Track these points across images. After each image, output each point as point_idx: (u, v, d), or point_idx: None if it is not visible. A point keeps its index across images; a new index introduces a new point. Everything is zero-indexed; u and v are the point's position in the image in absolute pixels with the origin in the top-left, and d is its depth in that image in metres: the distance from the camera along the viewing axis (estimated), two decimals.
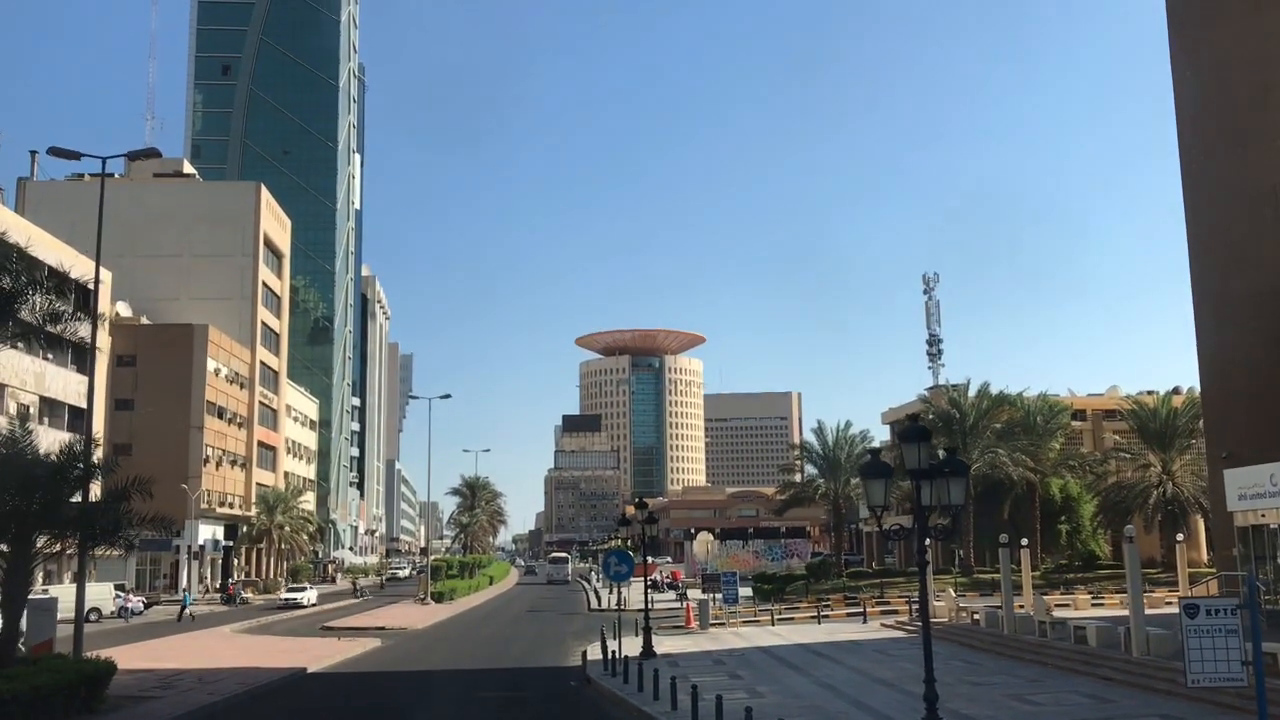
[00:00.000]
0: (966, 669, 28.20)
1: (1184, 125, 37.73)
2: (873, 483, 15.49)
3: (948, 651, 32.27)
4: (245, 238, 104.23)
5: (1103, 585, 64.35)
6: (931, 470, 15.16)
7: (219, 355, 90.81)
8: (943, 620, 40.05)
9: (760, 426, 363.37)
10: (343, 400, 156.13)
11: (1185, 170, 37.57)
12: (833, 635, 40.42)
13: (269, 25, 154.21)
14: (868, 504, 15.92)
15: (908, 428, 15.11)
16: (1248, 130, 34.47)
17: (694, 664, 31.90)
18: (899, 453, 51.34)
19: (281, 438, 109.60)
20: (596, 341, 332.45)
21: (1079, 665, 26.40)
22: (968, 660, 30.20)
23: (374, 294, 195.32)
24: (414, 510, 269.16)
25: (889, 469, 15.73)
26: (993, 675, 26.87)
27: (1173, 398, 73.09)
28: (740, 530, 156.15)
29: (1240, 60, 34.87)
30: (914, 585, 67.63)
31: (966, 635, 35.35)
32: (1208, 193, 36.84)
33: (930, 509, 15.35)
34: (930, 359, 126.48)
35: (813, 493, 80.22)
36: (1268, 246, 33.24)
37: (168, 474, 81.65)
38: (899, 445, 55.47)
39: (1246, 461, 33.02)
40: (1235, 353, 35.03)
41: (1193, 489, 67.45)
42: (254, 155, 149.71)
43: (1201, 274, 36.83)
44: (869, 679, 27.27)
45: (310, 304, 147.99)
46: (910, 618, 44.81)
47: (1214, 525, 39.55)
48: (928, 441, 15.16)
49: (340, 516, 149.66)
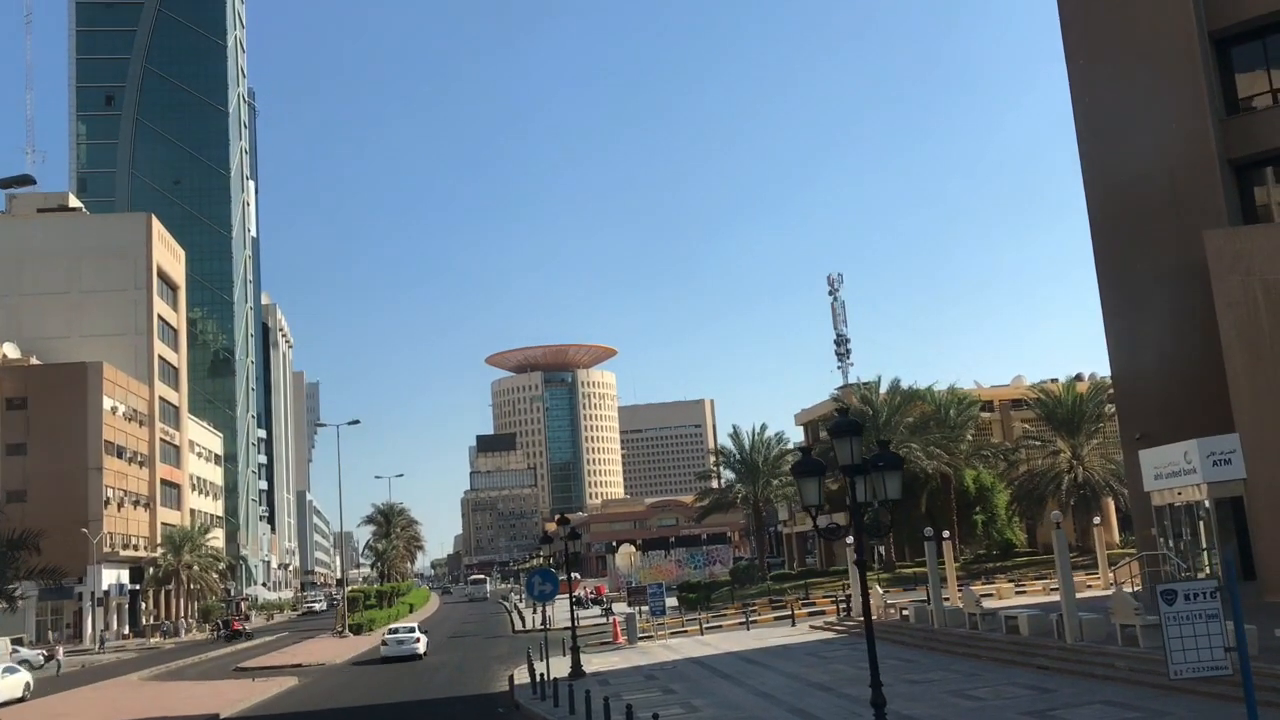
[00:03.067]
0: (902, 667, 27.84)
1: (1080, 111, 38.21)
2: (806, 481, 14.86)
3: (881, 650, 31.89)
4: (137, 270, 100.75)
5: (1022, 573, 65.18)
6: (865, 465, 14.61)
7: (115, 393, 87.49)
8: (872, 618, 39.83)
9: (675, 435, 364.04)
10: (248, 433, 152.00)
11: (1084, 156, 38.05)
12: (763, 641, 39.91)
13: (152, 53, 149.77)
14: (802, 503, 15.30)
15: (838, 422, 14.52)
16: (1142, 113, 34.98)
17: (625, 681, 31.09)
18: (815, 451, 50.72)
19: (185, 474, 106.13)
20: (507, 359, 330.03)
21: (1014, 656, 26.19)
22: (901, 658, 29.86)
23: (275, 322, 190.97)
24: (328, 541, 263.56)
25: (822, 466, 15.12)
26: (929, 672, 26.53)
27: (1077, 384, 74.55)
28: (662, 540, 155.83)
29: (1132, 43, 35.39)
30: (837, 585, 67.70)
31: (896, 632, 35.11)
32: (1106, 177, 37.34)
33: (865, 505, 14.78)
34: (839, 359, 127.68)
35: (733, 498, 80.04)
36: (1166, 227, 33.72)
37: (67, 518, 78.55)
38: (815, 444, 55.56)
39: (1160, 441, 33.41)
40: (1142, 333, 35.49)
41: (1102, 472, 68.77)
42: (143, 186, 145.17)
43: (1105, 257, 37.29)
44: (805, 684, 26.74)
45: (209, 335, 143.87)
46: (838, 618, 44.56)
47: (1131, 506, 40.02)
48: (859, 436, 14.59)
49: (251, 552, 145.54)
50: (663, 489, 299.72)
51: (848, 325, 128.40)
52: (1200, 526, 32.64)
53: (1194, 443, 30.88)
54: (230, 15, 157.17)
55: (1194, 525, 32.77)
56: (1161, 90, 34.11)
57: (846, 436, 14.50)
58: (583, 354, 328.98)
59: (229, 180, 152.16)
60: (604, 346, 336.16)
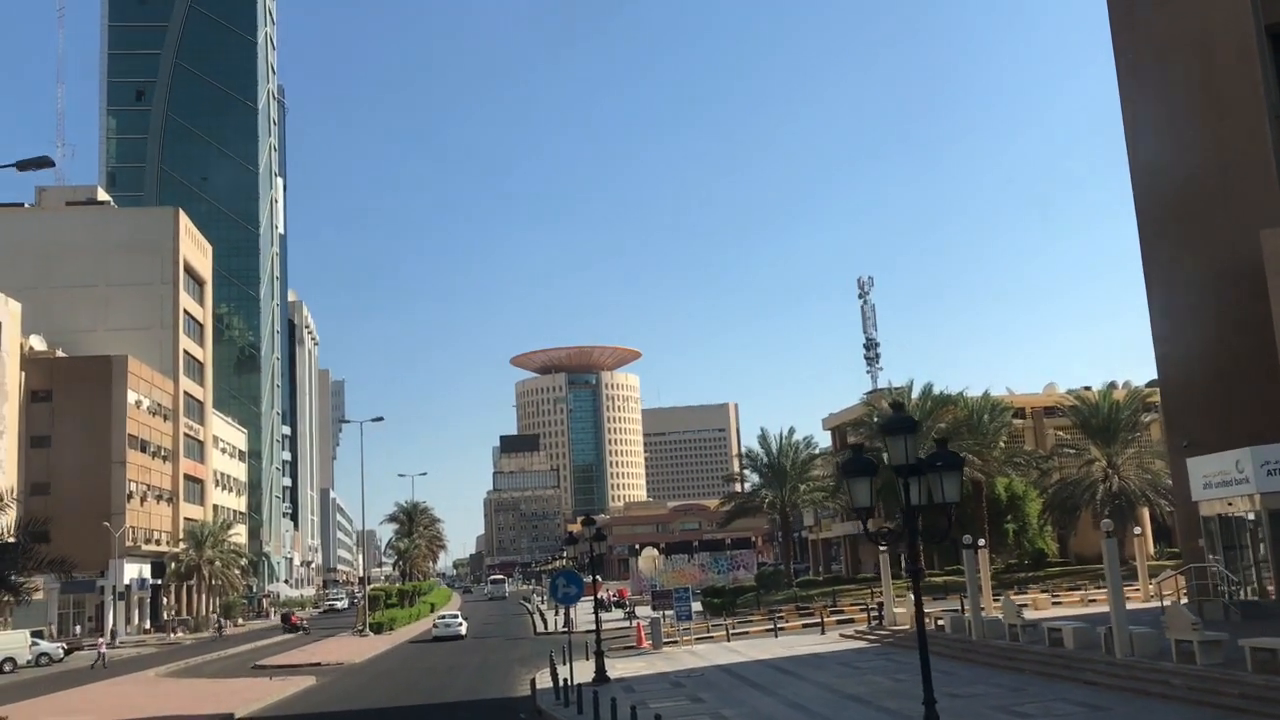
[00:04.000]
0: (942, 679, 26.62)
1: (1129, 111, 36.96)
2: (857, 481, 13.87)
3: (916, 661, 30.86)
4: (164, 265, 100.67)
5: (1056, 583, 63.78)
6: (920, 465, 13.62)
7: (140, 387, 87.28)
8: (904, 627, 38.72)
9: (698, 439, 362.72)
10: (272, 429, 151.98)
11: (1132, 155, 36.79)
12: (792, 649, 38.81)
13: (183, 48, 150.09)
14: (852, 505, 14.30)
15: (892, 418, 13.54)
16: (1194, 111, 33.74)
17: (651, 688, 30.11)
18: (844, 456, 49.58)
19: (209, 470, 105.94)
20: (532, 360, 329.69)
21: (1059, 670, 25.04)
22: (940, 670, 28.55)
23: (301, 319, 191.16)
24: (351, 539, 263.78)
25: (874, 465, 14.11)
26: (970, 685, 25.44)
27: (1113, 392, 73.00)
28: (684, 544, 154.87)
29: (1184, 40, 34.16)
30: (864, 592, 66.42)
31: (932, 642, 33.84)
32: (1155, 177, 36.09)
33: (919, 509, 13.79)
34: (869, 363, 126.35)
35: (759, 502, 78.75)
36: (1219, 227, 32.47)
37: (90, 512, 78.42)
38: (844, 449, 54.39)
39: (1209, 449, 32.12)
40: (1192, 337, 34.21)
41: (1139, 482, 67.28)
42: (172, 181, 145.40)
43: (1153, 258, 36.03)
44: (840, 696, 25.69)
45: (235, 332, 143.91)
46: (869, 626, 43.40)
47: (1177, 516, 38.68)
48: (914, 433, 13.60)
49: (274, 549, 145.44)
50: (685, 493, 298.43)
51: (877, 329, 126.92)
52: (1250, 539, 31.38)
53: (1246, 451, 29.60)
54: (261, 12, 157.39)
55: (1245, 537, 31.48)
56: (1214, 87, 32.87)
57: (900, 434, 13.51)
58: (607, 356, 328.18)
59: (257, 177, 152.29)
60: (628, 349, 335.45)
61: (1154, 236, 35.94)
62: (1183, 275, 34.37)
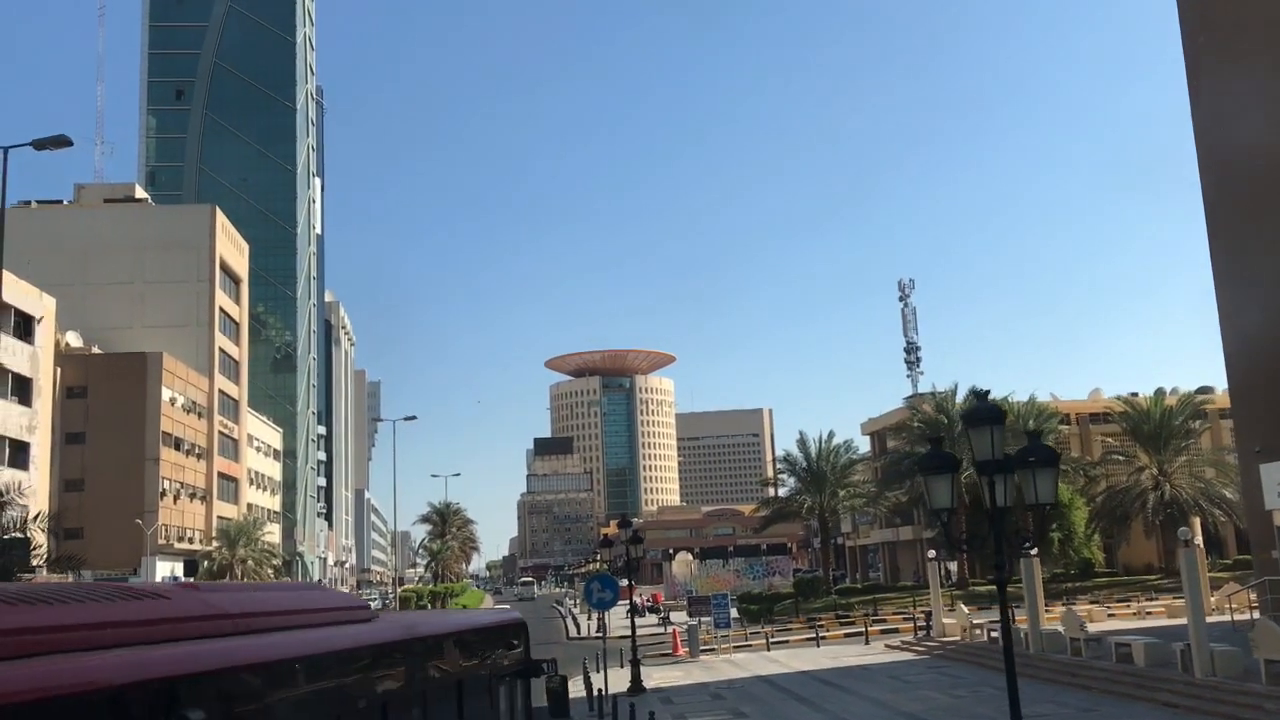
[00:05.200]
0: (1001, 696, 25.08)
1: (1198, 100, 35.18)
2: (936, 479, 12.43)
3: (972, 676, 29.31)
4: (200, 262, 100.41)
5: (1105, 594, 61.80)
6: (1008, 461, 12.18)
7: (175, 384, 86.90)
8: (955, 639, 37.07)
9: (732, 444, 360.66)
10: (308, 429, 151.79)
11: (1201, 147, 35.01)
12: (837, 660, 37.26)
13: (222, 48, 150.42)
14: (930, 506, 12.89)
15: (976, 406, 12.10)
16: (1269, 96, 31.97)
17: (689, 700, 28.73)
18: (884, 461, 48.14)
19: (243, 468, 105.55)
20: (566, 363, 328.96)
21: (1131, 690, 23.41)
22: (998, 685, 26.92)
23: (338, 320, 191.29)
24: (385, 540, 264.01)
25: (954, 461, 12.67)
26: (1036, 704, 23.80)
27: (1164, 398, 70.91)
28: (719, 549, 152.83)
29: (1256, 23, 32.41)
30: (906, 601, 64.73)
31: (986, 655, 32.34)
32: (1226, 168, 34.31)
33: (1003, 511, 12.35)
34: (909, 367, 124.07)
35: (798, 507, 77.11)
36: None
37: (123, 509, 78.09)
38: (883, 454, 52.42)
39: None
40: (1265, 337, 32.41)
41: (1191, 490, 65.22)
42: (210, 180, 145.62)
43: (1223, 254, 34.24)
44: (894, 713, 24.19)
45: (272, 331, 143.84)
46: (916, 637, 41.75)
47: (1248, 526, 36.81)
48: (1001, 424, 12.14)
49: (308, 548, 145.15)
50: (719, 498, 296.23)
51: (918, 332, 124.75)
52: None
53: None
54: (300, 12, 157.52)
55: None
56: None
57: (986, 425, 12.05)
58: (641, 360, 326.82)
59: (295, 177, 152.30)
60: (663, 353, 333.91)
61: (1225, 234, 34.18)
62: (1256, 273, 32.59)
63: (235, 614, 6.01)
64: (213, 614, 5.86)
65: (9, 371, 61.81)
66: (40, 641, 4.44)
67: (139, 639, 4.98)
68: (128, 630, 5.00)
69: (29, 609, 4.74)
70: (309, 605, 7.17)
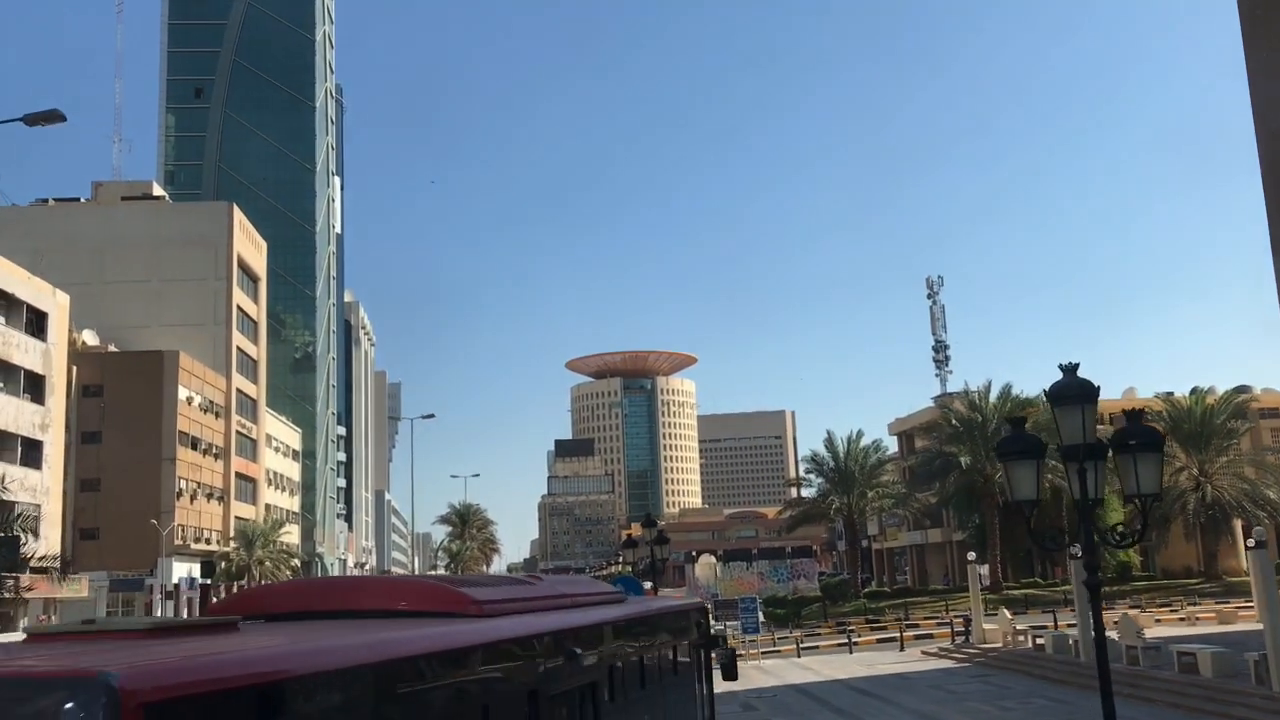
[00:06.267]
0: (1057, 709, 23.43)
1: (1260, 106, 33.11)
2: (1019, 466, 10.75)
3: (1020, 686, 27.53)
4: (218, 260, 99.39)
5: (1145, 598, 59.84)
6: (1100, 446, 10.52)
7: (191, 383, 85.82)
8: (996, 645, 35.30)
9: (754, 446, 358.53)
10: (327, 429, 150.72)
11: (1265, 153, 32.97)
12: (872, 667, 35.52)
13: (241, 46, 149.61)
14: (1012, 496, 11.23)
15: (1064, 382, 10.35)
16: None
17: (719, 709, 27.02)
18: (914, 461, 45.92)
19: (261, 469, 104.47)
20: (587, 365, 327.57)
21: (1200, 703, 21.66)
22: (1052, 697, 25.38)
23: (358, 320, 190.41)
24: (406, 542, 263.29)
25: (1040, 445, 10.95)
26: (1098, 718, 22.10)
27: (1205, 397, 68.85)
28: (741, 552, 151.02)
29: None
30: (937, 605, 62.92)
31: (1032, 663, 30.58)
32: None
33: (1093, 504, 10.70)
34: (937, 366, 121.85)
35: (825, 508, 75.29)
36: None
37: (139, 509, 77.00)
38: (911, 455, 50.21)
39: None
40: None
41: (1234, 492, 63.22)
42: (229, 179, 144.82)
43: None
44: None
45: (292, 331, 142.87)
46: (953, 644, 39.94)
47: None
48: (1093, 402, 10.45)
49: (327, 550, 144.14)
50: (740, 500, 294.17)
51: (947, 331, 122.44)
52: None
53: None
54: (320, 10, 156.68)
55: None
56: None
57: (1076, 403, 10.35)
58: (663, 361, 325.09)
59: (314, 175, 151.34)
60: (684, 354, 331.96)
61: None
62: None
63: (570, 594, 9.22)
64: (561, 594, 8.99)
65: (20, 368, 60.69)
66: (524, 606, 7.62)
67: (546, 608, 8.03)
68: (538, 602, 8.07)
69: (510, 587, 8.11)
70: (593, 590, 10.44)
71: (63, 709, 3.44)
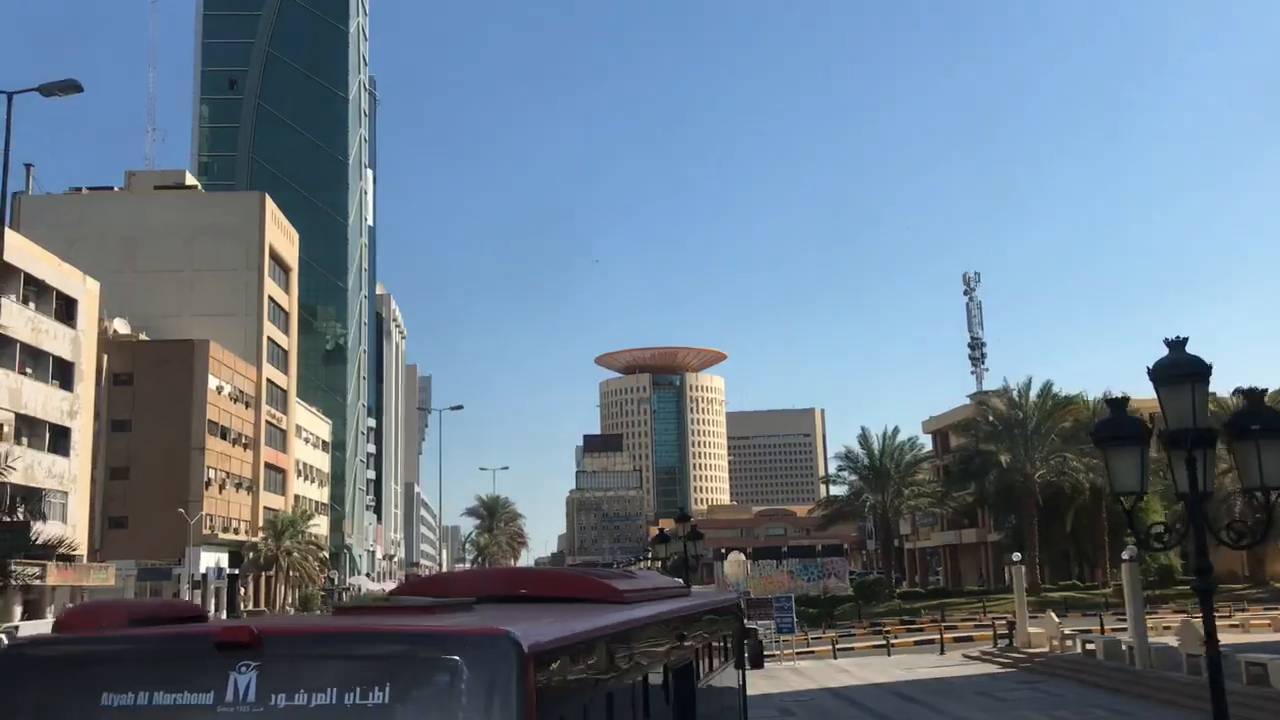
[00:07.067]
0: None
1: None
2: (1121, 453, 9.62)
3: (1073, 694, 26.29)
4: (250, 251, 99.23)
5: (1190, 604, 58.19)
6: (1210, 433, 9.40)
7: (221, 372, 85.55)
8: (1043, 650, 34.03)
9: (783, 444, 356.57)
10: (358, 421, 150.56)
11: None
12: (912, 671, 34.32)
13: (275, 37, 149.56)
14: (1112, 488, 10.12)
15: (1172, 358, 9.19)
16: None
17: (754, 714, 25.84)
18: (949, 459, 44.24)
19: (291, 459, 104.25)
20: (616, 360, 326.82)
21: (1271, 717, 20.38)
22: (1109, 707, 24.11)
23: (389, 312, 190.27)
24: (434, 534, 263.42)
25: (1143, 429, 9.80)
26: None
27: None
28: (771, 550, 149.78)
29: None
30: (974, 606, 61.60)
31: (1082, 670, 29.33)
32: None
33: (1202, 496, 9.59)
34: (973, 363, 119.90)
35: (858, 506, 74.00)
36: None
37: (168, 498, 76.72)
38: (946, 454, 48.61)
39: None
40: None
41: None
42: (262, 170, 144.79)
43: None
44: None
45: (323, 322, 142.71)
46: (997, 647, 38.64)
47: None
48: (1206, 381, 9.31)
49: (356, 541, 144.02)
50: (769, 498, 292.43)
51: (983, 327, 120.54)
52: None
53: None
54: (354, 2, 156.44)
55: None
56: None
57: (1186, 382, 9.20)
58: (692, 357, 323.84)
59: (347, 167, 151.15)
60: (714, 350, 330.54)
61: None
62: None
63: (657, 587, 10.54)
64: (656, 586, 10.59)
65: (49, 354, 60.40)
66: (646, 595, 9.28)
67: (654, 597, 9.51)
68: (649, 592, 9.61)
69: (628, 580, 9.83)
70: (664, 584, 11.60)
71: (486, 655, 4.81)
